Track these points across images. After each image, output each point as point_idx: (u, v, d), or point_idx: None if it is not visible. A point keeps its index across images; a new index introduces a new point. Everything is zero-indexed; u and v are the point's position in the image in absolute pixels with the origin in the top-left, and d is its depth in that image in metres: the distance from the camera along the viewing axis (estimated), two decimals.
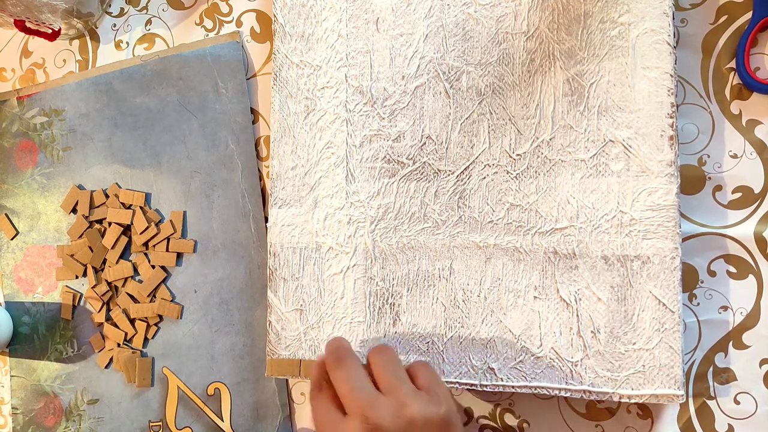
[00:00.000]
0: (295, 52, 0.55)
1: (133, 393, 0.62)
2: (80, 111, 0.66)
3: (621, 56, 0.47)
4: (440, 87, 0.51)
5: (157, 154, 0.63)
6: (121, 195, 0.63)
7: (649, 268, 0.45)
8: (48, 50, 0.69)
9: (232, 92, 0.60)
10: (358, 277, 0.52)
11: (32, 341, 0.67)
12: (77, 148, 0.66)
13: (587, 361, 0.46)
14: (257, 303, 0.59)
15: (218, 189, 0.61)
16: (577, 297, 0.47)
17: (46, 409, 0.66)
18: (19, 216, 0.69)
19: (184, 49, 0.62)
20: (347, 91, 0.53)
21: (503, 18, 0.50)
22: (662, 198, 0.45)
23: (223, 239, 0.60)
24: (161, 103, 0.63)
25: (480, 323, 0.49)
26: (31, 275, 0.68)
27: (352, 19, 0.53)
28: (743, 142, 0.48)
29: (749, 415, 0.47)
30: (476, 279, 0.49)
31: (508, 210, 0.49)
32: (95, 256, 0.64)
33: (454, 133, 0.50)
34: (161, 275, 0.62)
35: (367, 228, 0.52)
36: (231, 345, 0.59)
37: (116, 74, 0.64)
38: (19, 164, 0.69)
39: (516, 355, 0.48)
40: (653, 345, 0.45)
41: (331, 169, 0.53)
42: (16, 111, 0.69)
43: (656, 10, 0.46)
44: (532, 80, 0.49)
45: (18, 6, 0.59)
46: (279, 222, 0.54)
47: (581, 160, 0.47)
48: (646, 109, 0.46)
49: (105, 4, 0.66)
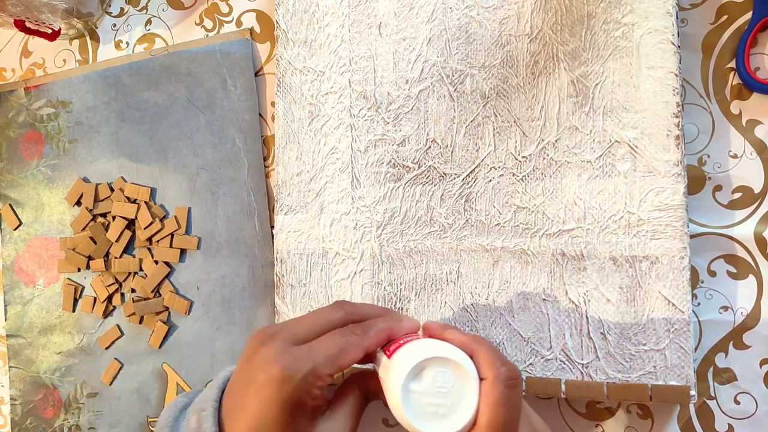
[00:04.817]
0: (298, 58, 0.53)
1: (133, 388, 0.61)
2: (87, 103, 0.64)
3: (625, 56, 0.45)
4: (444, 90, 0.49)
5: (164, 149, 0.61)
6: (127, 189, 0.62)
7: (658, 268, 0.43)
8: (48, 50, 0.68)
9: (241, 90, 0.59)
10: (366, 282, 0.50)
11: (32, 333, 0.65)
12: (83, 141, 0.64)
13: (598, 363, 0.44)
14: (259, 302, 0.57)
15: (224, 186, 0.59)
16: (586, 298, 0.45)
17: (44, 401, 0.64)
18: (23, 207, 0.67)
19: (193, 44, 0.61)
20: (351, 96, 0.51)
21: (506, 20, 0.48)
22: (670, 198, 0.43)
23: (227, 237, 0.58)
24: (169, 99, 0.61)
25: (489, 326, 0.47)
26: (32, 266, 0.66)
27: (355, 24, 0.52)
28: (743, 142, 0.46)
29: (749, 415, 0.46)
30: (484, 282, 0.47)
31: (514, 212, 0.47)
32: (98, 249, 0.62)
33: (459, 137, 0.49)
34: (165, 270, 0.60)
35: (374, 233, 0.50)
36: (232, 343, 0.57)
37: (125, 68, 0.63)
38: (25, 155, 0.67)
39: (526, 357, 0.46)
40: (663, 345, 0.43)
41: (337, 174, 0.51)
42: (23, 101, 0.67)
43: (660, 10, 0.44)
44: (537, 82, 0.47)
45: (18, 6, 0.58)
46: (285, 228, 0.53)
47: (587, 162, 0.45)
48: (651, 109, 0.44)
49: (105, 4, 0.65)
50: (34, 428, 0.64)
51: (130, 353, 0.61)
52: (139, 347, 0.60)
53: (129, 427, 0.60)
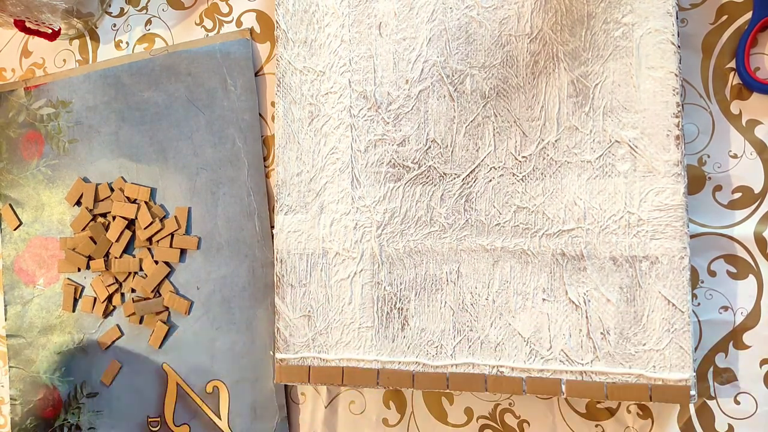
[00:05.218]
0: (298, 58, 0.53)
1: (133, 388, 0.60)
2: (87, 103, 0.64)
3: (625, 57, 0.45)
4: (444, 90, 0.49)
5: (164, 149, 0.61)
6: (127, 189, 0.61)
7: (658, 268, 0.43)
8: (48, 50, 0.68)
9: (241, 89, 0.58)
10: (366, 282, 0.50)
11: (32, 333, 0.65)
12: (83, 141, 0.64)
13: (598, 363, 0.44)
14: (259, 302, 0.57)
15: (224, 186, 0.58)
16: (586, 298, 0.45)
17: (44, 401, 0.64)
18: (23, 207, 0.66)
19: (193, 44, 0.60)
20: (351, 96, 0.51)
21: (506, 20, 0.48)
22: (670, 198, 0.43)
23: (227, 237, 0.58)
24: (169, 99, 0.61)
25: (489, 326, 0.47)
26: (32, 266, 0.65)
27: (355, 24, 0.51)
28: (743, 142, 0.46)
29: (749, 415, 0.45)
30: (484, 282, 0.47)
31: (514, 212, 0.47)
32: (98, 249, 0.62)
33: (459, 137, 0.48)
34: (165, 270, 0.60)
35: (374, 233, 0.50)
36: (231, 343, 0.57)
37: (124, 68, 0.63)
38: (25, 155, 0.66)
39: (526, 358, 0.46)
40: (663, 345, 0.43)
41: (337, 174, 0.51)
42: (23, 101, 0.67)
43: (660, 10, 0.44)
44: (537, 82, 0.47)
45: (18, 6, 0.58)
46: (285, 228, 0.52)
47: (587, 162, 0.45)
48: (651, 109, 0.44)
49: (105, 4, 0.65)
50: (34, 428, 0.64)
51: (130, 353, 0.60)
52: (139, 347, 0.60)
53: (129, 427, 0.60)
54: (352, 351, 0.49)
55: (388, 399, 0.53)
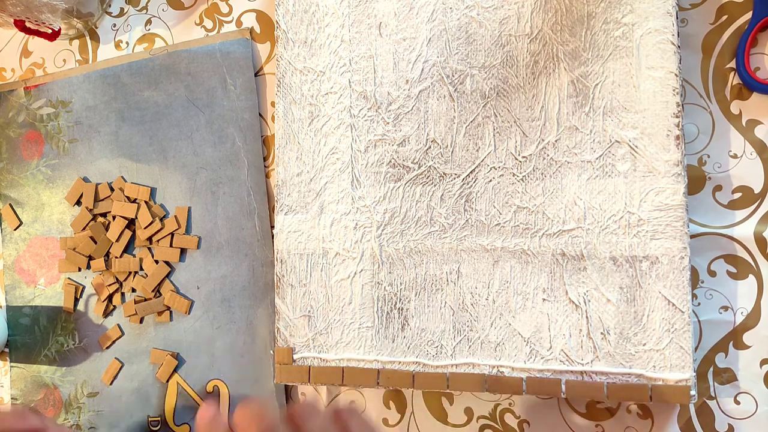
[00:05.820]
0: (298, 59, 0.53)
1: (133, 387, 0.60)
2: (87, 103, 0.63)
3: (625, 57, 0.44)
4: (444, 90, 0.48)
5: (164, 149, 0.60)
6: (127, 189, 0.61)
7: (658, 268, 0.43)
8: (48, 50, 0.67)
9: (241, 89, 0.58)
10: (366, 282, 0.50)
11: (33, 333, 0.65)
12: (83, 141, 0.63)
13: (598, 363, 0.44)
14: (259, 301, 0.56)
15: (224, 186, 0.58)
16: (586, 298, 0.44)
17: (45, 401, 0.63)
18: (23, 207, 0.66)
19: (193, 44, 0.60)
20: (351, 97, 0.51)
21: (506, 20, 0.47)
22: (670, 198, 0.43)
23: (228, 236, 0.58)
24: (169, 98, 0.60)
25: (489, 326, 0.47)
26: (33, 266, 0.65)
27: (355, 24, 0.51)
28: (743, 142, 0.46)
29: (749, 415, 0.45)
30: (484, 282, 0.47)
31: (515, 212, 0.47)
32: (98, 248, 0.61)
33: (459, 137, 0.48)
34: (165, 270, 0.59)
35: (374, 233, 0.50)
36: (231, 343, 0.57)
37: (124, 67, 0.62)
38: (25, 155, 0.66)
39: (526, 358, 0.46)
40: (663, 345, 0.42)
41: (337, 174, 0.51)
42: (23, 101, 0.66)
43: (660, 10, 0.43)
44: (537, 82, 0.46)
45: (18, 6, 0.57)
46: (285, 228, 0.52)
47: (587, 162, 0.45)
48: (651, 109, 0.44)
49: (105, 4, 0.64)
50: None
51: (131, 353, 0.60)
52: (139, 347, 0.60)
53: (129, 427, 0.60)
54: (352, 351, 0.49)
55: (388, 399, 0.53)
